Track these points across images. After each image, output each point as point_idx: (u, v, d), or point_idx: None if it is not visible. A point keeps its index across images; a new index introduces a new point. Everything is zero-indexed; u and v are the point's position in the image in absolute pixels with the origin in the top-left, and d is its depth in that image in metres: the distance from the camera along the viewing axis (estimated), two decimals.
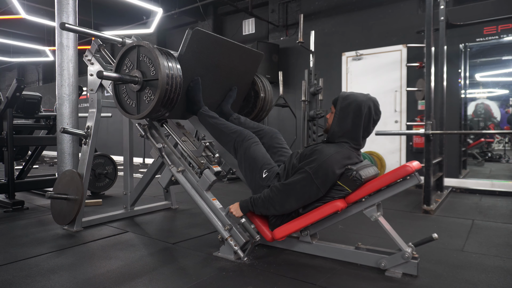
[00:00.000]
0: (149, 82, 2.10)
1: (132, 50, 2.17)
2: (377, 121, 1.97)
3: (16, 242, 2.33)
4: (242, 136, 2.18)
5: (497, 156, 7.93)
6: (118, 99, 2.29)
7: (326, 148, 1.89)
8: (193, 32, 2.17)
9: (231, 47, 2.46)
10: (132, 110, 2.22)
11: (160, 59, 2.01)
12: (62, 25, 2.28)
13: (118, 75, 2.10)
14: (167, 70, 2.02)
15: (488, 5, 4.65)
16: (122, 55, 2.21)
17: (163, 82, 1.99)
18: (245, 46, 2.58)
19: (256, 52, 2.68)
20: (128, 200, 3.03)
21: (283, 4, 7.14)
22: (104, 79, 2.08)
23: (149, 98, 2.10)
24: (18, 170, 4.00)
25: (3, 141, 3.25)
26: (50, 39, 9.23)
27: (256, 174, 2.10)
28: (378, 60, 5.46)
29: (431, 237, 1.75)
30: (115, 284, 1.69)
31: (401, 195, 3.85)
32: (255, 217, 2.07)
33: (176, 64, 2.10)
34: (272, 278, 1.76)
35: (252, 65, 2.72)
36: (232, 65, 2.55)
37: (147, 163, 7.89)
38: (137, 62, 2.14)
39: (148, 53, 2.09)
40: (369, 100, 1.92)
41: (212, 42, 2.31)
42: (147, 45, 2.08)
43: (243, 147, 2.15)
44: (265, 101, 2.87)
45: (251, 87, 2.88)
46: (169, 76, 2.02)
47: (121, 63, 2.23)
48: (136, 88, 2.14)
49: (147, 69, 2.10)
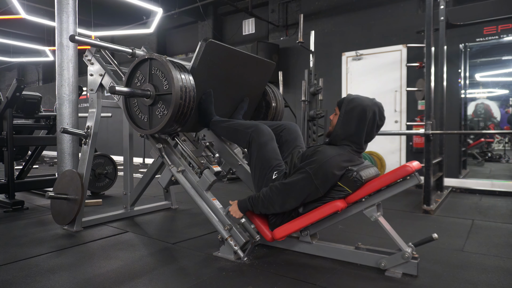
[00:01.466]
0: (162, 97, 2.04)
1: (144, 63, 2.12)
2: (380, 126, 1.96)
3: (16, 242, 2.33)
4: (258, 131, 2.12)
5: (497, 156, 7.93)
6: (129, 113, 2.24)
7: (328, 149, 1.90)
8: (207, 44, 2.10)
9: (244, 57, 2.41)
10: (144, 125, 2.17)
11: (174, 72, 1.95)
12: (71, 37, 2.22)
13: (129, 89, 2.04)
14: (181, 84, 1.96)
15: (488, 5, 4.65)
16: (133, 68, 2.16)
17: (177, 96, 1.94)
18: (257, 57, 2.53)
19: (268, 62, 2.62)
20: (128, 200, 3.03)
21: (283, 4, 7.14)
22: (116, 94, 2.02)
23: (162, 112, 2.05)
24: (18, 170, 4.00)
25: (3, 141, 3.25)
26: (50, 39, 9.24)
27: (266, 174, 2.08)
28: (378, 60, 5.46)
29: (431, 237, 1.75)
30: (115, 284, 1.69)
31: (401, 195, 3.85)
32: (255, 217, 2.06)
33: (189, 77, 2.04)
34: (272, 278, 1.76)
35: (263, 75, 2.65)
36: (244, 76, 2.49)
37: (147, 163, 7.89)
38: (149, 76, 2.09)
39: (160, 66, 2.03)
40: (374, 105, 1.92)
41: (225, 54, 2.25)
42: (160, 58, 2.03)
43: (257, 143, 2.10)
44: (277, 110, 2.82)
45: (262, 97, 2.82)
46: (183, 90, 1.97)
47: (132, 76, 2.18)
48: (149, 103, 2.09)
49: (160, 82, 2.04)
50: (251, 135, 2.12)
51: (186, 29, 9.04)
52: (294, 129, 2.33)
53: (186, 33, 9.06)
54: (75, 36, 2.23)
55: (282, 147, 2.25)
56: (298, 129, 2.37)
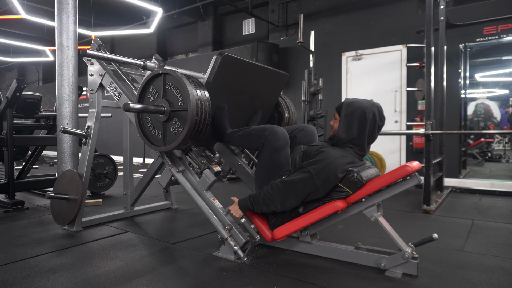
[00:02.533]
0: (176, 113, 1.98)
1: (158, 77, 2.06)
2: (381, 126, 1.97)
3: (16, 242, 2.33)
4: (274, 135, 2.05)
5: (497, 156, 7.93)
6: (142, 129, 2.18)
7: (332, 151, 1.90)
8: (222, 58, 2.06)
9: (258, 70, 2.36)
10: (158, 141, 2.10)
11: (190, 88, 1.90)
12: (83, 52, 2.15)
13: (143, 106, 1.97)
14: (197, 99, 1.91)
15: (488, 5, 4.65)
16: (146, 82, 2.10)
17: (193, 113, 1.89)
18: (271, 68, 2.48)
19: (281, 73, 2.58)
20: (128, 200, 3.03)
21: (283, 4, 7.15)
22: (131, 111, 1.95)
23: (177, 129, 1.99)
24: (18, 170, 4.00)
25: (3, 141, 3.25)
26: (50, 39, 9.24)
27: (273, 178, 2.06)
28: (378, 60, 5.46)
29: (431, 237, 1.75)
30: (115, 284, 1.69)
31: (401, 195, 3.85)
32: (255, 217, 2.07)
33: (205, 93, 1.98)
34: (272, 278, 1.76)
35: (277, 87, 2.62)
36: (258, 88, 2.45)
37: (147, 163, 7.89)
38: (163, 91, 2.03)
39: (175, 81, 1.98)
40: (373, 106, 1.92)
41: (240, 67, 2.20)
42: (174, 73, 1.98)
43: (271, 147, 2.04)
44: (290, 121, 2.80)
45: (275, 108, 2.79)
46: (199, 107, 1.91)
47: (145, 90, 2.12)
48: (163, 119, 2.03)
49: (175, 98, 1.99)
50: (267, 137, 2.05)
51: (186, 29, 9.05)
52: (310, 131, 2.32)
53: (186, 33, 9.07)
54: (87, 51, 2.16)
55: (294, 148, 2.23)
56: (315, 132, 2.35)
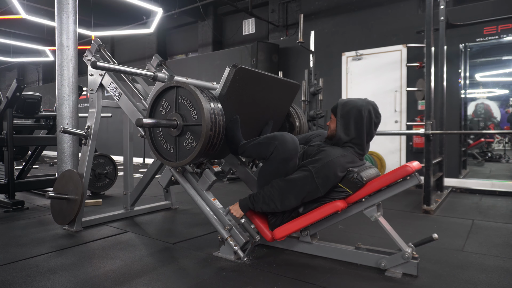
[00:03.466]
0: (190, 127, 1.93)
1: (169, 90, 2.02)
2: (378, 124, 1.98)
3: (16, 242, 2.33)
4: (284, 143, 1.94)
5: (497, 156, 7.93)
6: (153, 143, 2.12)
7: (332, 150, 1.90)
8: (236, 71, 2.01)
9: (270, 80, 2.33)
10: (170, 156, 2.05)
11: (204, 103, 1.85)
12: (93, 64, 2.11)
13: (155, 121, 1.91)
14: (211, 114, 1.86)
15: (488, 5, 4.65)
16: (158, 95, 2.05)
17: (207, 128, 1.84)
18: (284, 79, 2.46)
19: (293, 83, 2.55)
20: (128, 200, 3.03)
21: (283, 4, 7.15)
22: (144, 127, 1.90)
23: (190, 144, 1.94)
24: (18, 170, 4.00)
25: (3, 141, 3.25)
26: (50, 39, 9.24)
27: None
28: (378, 60, 5.46)
29: (431, 237, 1.75)
30: (115, 284, 1.69)
31: (401, 195, 3.85)
32: (255, 217, 2.07)
33: (218, 106, 1.94)
34: (272, 278, 1.76)
35: (288, 97, 2.59)
36: (270, 99, 2.42)
37: (147, 163, 7.89)
38: (176, 104, 1.98)
39: (188, 95, 1.93)
40: (368, 104, 1.94)
41: (252, 78, 2.16)
42: (187, 86, 1.93)
43: (281, 156, 1.94)
44: (301, 130, 2.80)
45: (286, 118, 2.77)
46: (213, 121, 1.86)
47: (156, 103, 2.07)
48: (175, 133, 1.98)
49: (188, 112, 1.94)
50: (277, 147, 1.97)
51: (186, 29, 9.05)
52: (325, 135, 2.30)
53: (186, 33, 9.07)
54: (97, 63, 2.11)
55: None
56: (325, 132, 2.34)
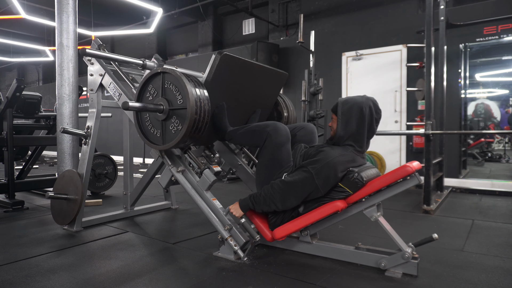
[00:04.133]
0: (175, 111, 1.99)
1: (157, 76, 2.07)
2: (378, 119, 1.98)
3: (16, 242, 2.33)
4: (276, 130, 2.04)
5: (497, 156, 7.93)
6: (140, 127, 2.18)
7: (331, 150, 1.90)
8: (222, 58, 2.06)
9: (257, 69, 2.37)
10: (157, 140, 2.11)
11: (189, 87, 1.91)
12: (82, 51, 2.15)
13: (142, 105, 1.97)
14: (196, 98, 1.92)
15: (488, 5, 4.65)
16: (145, 81, 2.10)
17: (192, 111, 1.89)
18: (271, 68, 2.49)
19: (281, 72, 2.59)
20: (128, 200, 3.03)
21: (283, 4, 7.14)
22: (130, 110, 1.94)
23: (176, 128, 2.00)
24: (18, 170, 4.00)
25: (3, 141, 3.25)
26: (50, 39, 9.24)
27: (275, 175, 2.05)
28: (378, 60, 5.46)
29: (431, 237, 1.75)
30: (115, 284, 1.69)
31: (401, 195, 3.85)
32: (255, 217, 2.07)
33: (204, 91, 1.99)
34: (272, 278, 1.76)
35: (276, 86, 2.62)
36: (257, 87, 2.46)
37: (147, 163, 7.89)
38: (162, 90, 2.04)
39: (174, 80, 1.99)
40: (368, 101, 1.94)
41: (239, 66, 2.21)
42: (173, 72, 1.98)
43: (273, 143, 2.04)
44: (289, 120, 2.81)
45: (274, 107, 2.80)
46: (198, 105, 1.92)
47: (144, 89, 2.12)
48: (162, 117, 2.04)
49: (173, 97, 1.99)
50: (269, 133, 2.05)
51: (186, 29, 9.04)
52: (310, 129, 2.32)
53: (186, 33, 9.06)
54: (86, 50, 2.16)
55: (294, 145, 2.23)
56: (315, 130, 2.35)
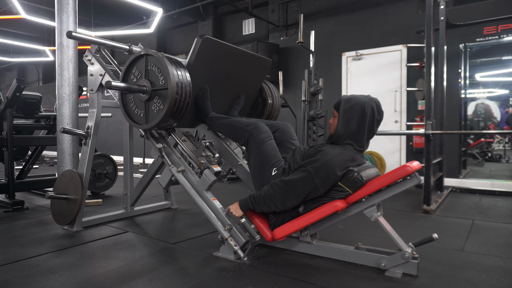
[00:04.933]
0: (158, 92, 2.06)
1: (140, 59, 2.13)
2: (380, 121, 1.98)
3: (16, 242, 2.33)
4: (257, 129, 2.14)
5: (497, 156, 7.93)
6: (125, 109, 2.25)
7: (330, 149, 1.90)
8: (203, 41, 2.13)
9: (240, 54, 2.43)
10: (140, 120, 2.18)
11: (170, 68, 1.97)
12: (68, 33, 2.22)
13: (126, 85, 2.05)
14: (177, 79, 1.98)
15: (488, 5, 4.65)
16: (129, 64, 2.17)
17: (172, 91, 1.96)
18: (254, 54, 2.55)
19: (264, 59, 2.64)
20: (128, 200, 3.03)
21: (283, 4, 7.14)
22: (113, 89, 2.03)
23: (158, 107, 2.07)
24: (18, 170, 4.00)
25: (3, 141, 3.25)
26: (50, 39, 9.24)
27: (265, 170, 2.09)
28: (378, 60, 5.46)
29: (431, 237, 1.75)
30: (115, 284, 1.69)
31: (401, 195, 3.85)
32: (255, 217, 2.07)
33: (185, 73, 2.06)
34: (272, 278, 1.76)
35: (260, 72, 2.68)
36: (241, 73, 2.52)
37: (147, 163, 7.89)
38: (145, 71, 2.11)
39: (157, 62, 2.05)
40: (371, 101, 1.93)
41: (221, 50, 2.27)
42: (156, 54, 2.04)
43: (256, 140, 2.12)
44: (273, 107, 2.84)
45: (259, 94, 2.85)
46: (179, 86, 1.99)
47: (128, 72, 2.19)
48: (145, 98, 2.10)
49: (156, 78, 2.06)
50: (250, 132, 2.14)
51: (186, 29, 9.04)
52: (287, 129, 2.36)
53: (186, 33, 9.06)
54: (72, 33, 2.22)
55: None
56: (291, 129, 2.39)
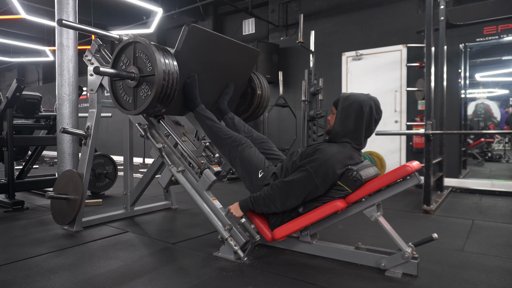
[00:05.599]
0: (145, 78, 2.11)
1: (129, 46, 2.18)
2: (378, 120, 1.98)
3: (16, 242, 2.33)
4: (236, 141, 2.20)
5: (497, 156, 7.93)
6: (115, 95, 2.30)
7: (328, 147, 1.90)
8: (189, 29, 2.17)
9: (228, 44, 2.47)
10: (129, 106, 2.23)
11: (157, 55, 2.02)
12: (59, 21, 2.25)
13: (114, 71, 2.12)
14: (164, 66, 2.03)
15: (488, 5, 4.65)
16: (118, 51, 2.22)
17: (159, 77, 2.01)
18: (242, 43, 2.58)
19: (252, 49, 2.69)
20: (128, 200, 3.03)
21: (283, 4, 7.14)
22: (101, 74, 2.09)
23: (146, 93, 2.12)
24: (18, 170, 4.00)
25: (3, 141, 3.25)
26: (50, 39, 9.23)
27: (252, 175, 2.12)
28: (378, 60, 5.46)
29: (431, 237, 1.75)
30: (115, 284, 1.69)
31: (401, 195, 3.85)
32: (255, 217, 2.07)
33: (172, 61, 2.11)
34: (272, 278, 1.76)
35: (249, 62, 2.72)
36: (229, 62, 2.56)
37: (147, 163, 7.89)
38: (134, 58, 2.16)
39: (144, 49, 2.10)
40: (370, 100, 1.94)
41: (209, 39, 2.32)
42: (144, 41, 2.10)
43: (237, 151, 2.18)
44: (262, 98, 2.88)
45: (248, 84, 2.88)
46: (166, 72, 2.03)
47: (117, 59, 2.24)
48: (133, 84, 2.16)
49: (144, 65, 2.11)
50: (231, 145, 2.20)
51: None
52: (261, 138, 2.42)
53: None
54: (63, 20, 2.22)
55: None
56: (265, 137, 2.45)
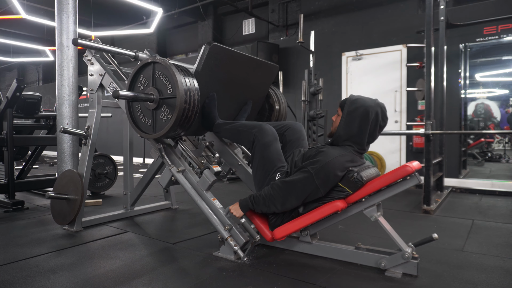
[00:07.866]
0: (165, 101, 2.03)
1: (147, 66, 2.11)
2: (383, 127, 1.97)
3: (16, 242, 2.33)
4: (262, 131, 2.10)
5: (497, 156, 7.93)
6: (132, 117, 2.22)
7: (331, 150, 1.90)
8: (211, 48, 2.10)
9: (247, 60, 2.41)
10: (148, 129, 2.15)
11: (178, 76, 1.95)
12: (74, 41, 2.20)
13: (133, 93, 2.03)
14: (185, 87, 1.95)
15: (488, 5, 4.65)
16: (136, 71, 2.15)
17: (181, 100, 1.93)
18: (261, 60, 2.52)
19: (271, 64, 2.62)
20: (128, 200, 3.03)
21: (283, 4, 7.14)
22: (120, 98, 1.99)
23: (166, 116, 2.04)
24: (18, 170, 4.00)
25: (3, 141, 3.25)
26: (50, 39, 9.23)
27: (268, 174, 2.07)
28: (378, 60, 5.46)
29: (431, 237, 1.75)
30: (115, 284, 1.69)
31: (401, 195, 3.85)
32: (255, 217, 2.06)
33: (193, 81, 2.03)
34: (272, 278, 1.76)
35: (267, 78, 2.65)
36: (247, 79, 2.49)
37: (147, 163, 7.89)
38: (153, 79, 2.08)
39: (164, 70, 2.03)
40: (377, 106, 1.92)
41: (229, 57, 2.25)
42: (163, 62, 2.02)
43: (261, 143, 2.08)
44: (280, 113, 2.82)
45: (266, 100, 2.82)
46: (187, 94, 1.96)
47: (135, 80, 2.17)
48: (152, 107, 2.08)
49: (164, 86, 2.04)
50: (255, 135, 2.10)
51: (186, 29, 9.04)
52: (298, 129, 2.32)
53: (186, 33, 9.06)
54: (78, 40, 2.19)
55: (285, 146, 2.24)
56: (302, 129, 2.35)
